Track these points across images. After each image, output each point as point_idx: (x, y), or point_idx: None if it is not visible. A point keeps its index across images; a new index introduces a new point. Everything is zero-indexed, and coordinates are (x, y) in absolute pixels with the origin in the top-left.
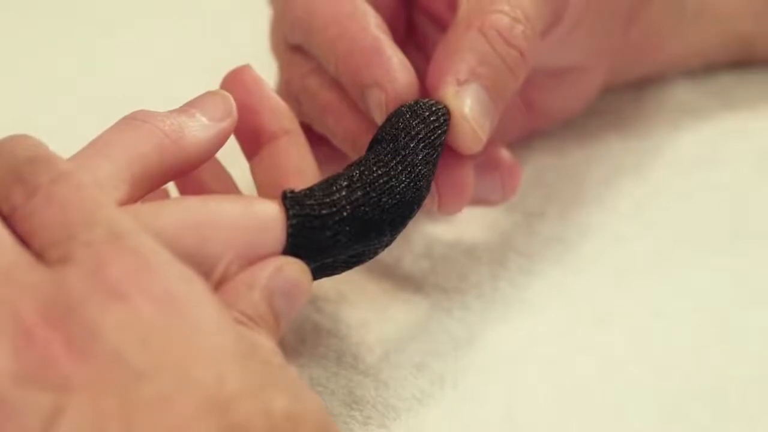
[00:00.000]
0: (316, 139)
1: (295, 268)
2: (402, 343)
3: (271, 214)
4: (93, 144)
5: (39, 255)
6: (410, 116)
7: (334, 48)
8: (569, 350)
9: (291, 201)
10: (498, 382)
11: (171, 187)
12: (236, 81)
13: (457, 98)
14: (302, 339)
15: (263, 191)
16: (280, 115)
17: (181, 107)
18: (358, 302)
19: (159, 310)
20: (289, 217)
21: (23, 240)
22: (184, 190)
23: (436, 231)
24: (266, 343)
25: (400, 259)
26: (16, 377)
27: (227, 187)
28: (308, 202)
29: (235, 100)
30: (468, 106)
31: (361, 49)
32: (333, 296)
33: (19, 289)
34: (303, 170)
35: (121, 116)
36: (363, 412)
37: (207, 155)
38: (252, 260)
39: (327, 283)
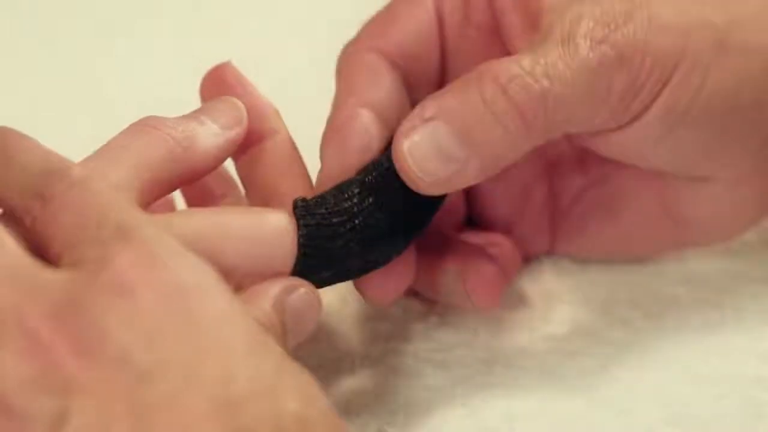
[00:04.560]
0: None
1: (306, 292)
2: (399, 347)
3: (282, 224)
4: (104, 150)
5: (56, 261)
6: None
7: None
8: (568, 351)
9: (302, 210)
10: (496, 386)
11: None
12: (217, 79)
13: (405, 134)
14: (298, 343)
15: (251, 191)
16: (265, 115)
17: (191, 113)
18: (355, 307)
19: (166, 305)
20: (299, 227)
21: (43, 248)
22: (186, 191)
23: None
24: (277, 345)
25: None
26: (22, 382)
27: (229, 188)
28: (319, 212)
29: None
30: (411, 143)
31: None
32: (329, 300)
33: (25, 291)
34: (291, 171)
35: (120, 117)
36: (360, 417)
37: (216, 163)
38: (264, 270)
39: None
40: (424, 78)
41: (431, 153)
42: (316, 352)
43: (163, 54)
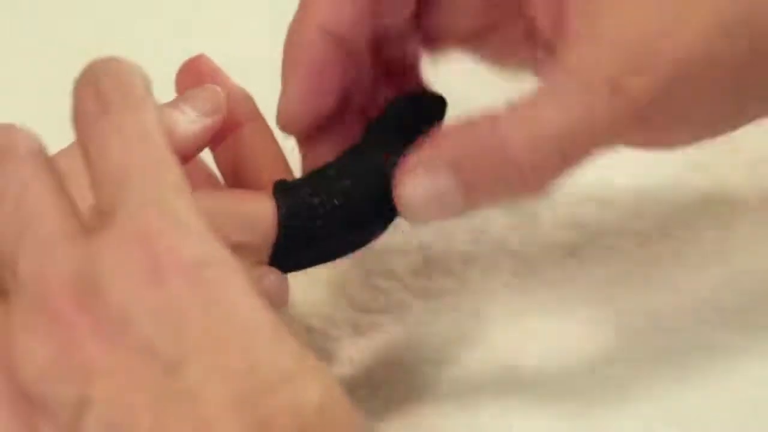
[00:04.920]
0: None
1: (276, 278)
2: (394, 344)
3: (262, 204)
4: None
5: (89, 189)
6: (405, 107)
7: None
8: (563, 350)
9: (281, 191)
10: (492, 384)
11: None
12: (192, 70)
13: (408, 175)
14: None
15: (229, 179)
16: (241, 103)
17: (171, 101)
18: (348, 303)
19: (195, 295)
20: (280, 207)
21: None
22: None
23: (429, 232)
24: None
25: (392, 259)
26: (44, 367)
27: (206, 175)
28: (299, 192)
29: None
30: (412, 188)
31: None
32: (321, 298)
33: (52, 266)
34: (268, 156)
35: None
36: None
37: (195, 150)
38: (244, 250)
39: (318, 284)
40: None
41: (430, 201)
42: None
43: (164, 53)
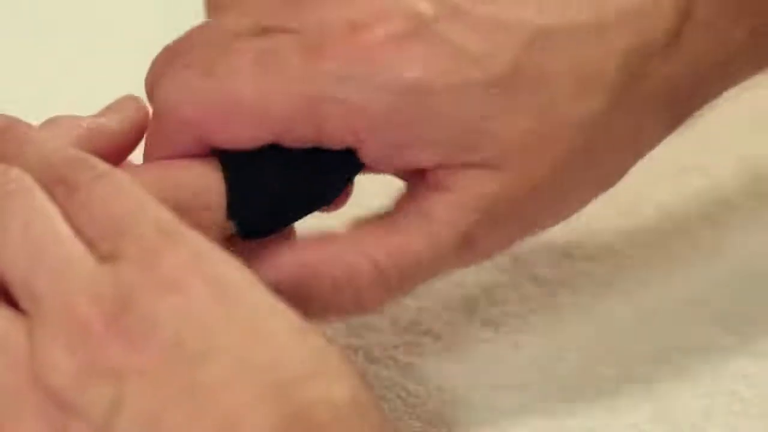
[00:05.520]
0: None
1: None
2: (388, 344)
3: (207, 165)
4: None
5: (87, 246)
6: None
7: None
8: (558, 349)
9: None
10: (483, 385)
11: None
12: None
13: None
14: None
15: None
16: None
17: (97, 113)
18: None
19: (215, 297)
20: (222, 162)
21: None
22: None
23: None
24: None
25: None
26: (74, 374)
27: None
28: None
29: None
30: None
31: None
32: None
33: (76, 285)
34: None
35: None
36: None
37: (130, 143)
38: (199, 218)
39: None
40: None
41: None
42: None
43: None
